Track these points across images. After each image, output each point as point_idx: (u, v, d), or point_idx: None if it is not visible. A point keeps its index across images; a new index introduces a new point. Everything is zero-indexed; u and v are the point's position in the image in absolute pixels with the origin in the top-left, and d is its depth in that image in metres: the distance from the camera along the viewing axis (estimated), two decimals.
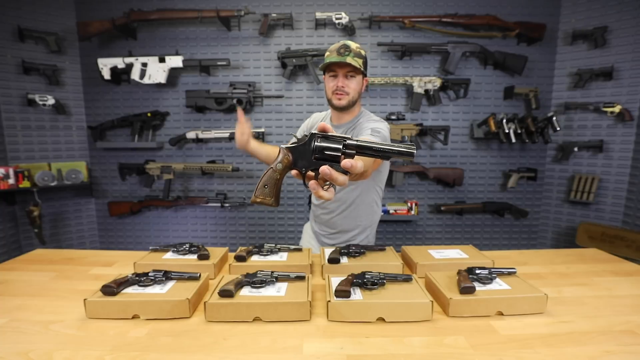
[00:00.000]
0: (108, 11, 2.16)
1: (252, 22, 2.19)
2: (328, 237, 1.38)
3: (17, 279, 1.09)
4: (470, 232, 2.41)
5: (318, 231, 1.41)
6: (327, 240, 1.39)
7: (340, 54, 1.10)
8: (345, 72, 1.13)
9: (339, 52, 1.10)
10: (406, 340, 0.76)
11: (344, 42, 1.13)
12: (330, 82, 1.16)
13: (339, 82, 1.14)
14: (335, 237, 1.37)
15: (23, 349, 0.72)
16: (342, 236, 1.36)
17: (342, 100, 1.16)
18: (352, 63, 1.09)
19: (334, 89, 1.16)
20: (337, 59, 1.09)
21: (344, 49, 1.11)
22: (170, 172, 2.24)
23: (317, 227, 1.41)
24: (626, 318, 0.86)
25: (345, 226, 1.33)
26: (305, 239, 1.49)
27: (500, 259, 1.26)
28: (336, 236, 1.37)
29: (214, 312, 0.82)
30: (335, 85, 1.15)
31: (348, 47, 1.11)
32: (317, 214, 1.38)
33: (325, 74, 1.18)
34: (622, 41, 2.04)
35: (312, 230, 1.45)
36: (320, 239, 1.42)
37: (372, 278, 0.91)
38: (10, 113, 2.10)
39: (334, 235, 1.37)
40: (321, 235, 1.40)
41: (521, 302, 0.86)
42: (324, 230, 1.39)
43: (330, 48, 1.15)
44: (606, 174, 2.15)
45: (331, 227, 1.36)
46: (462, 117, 2.29)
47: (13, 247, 2.15)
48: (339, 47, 1.11)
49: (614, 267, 1.20)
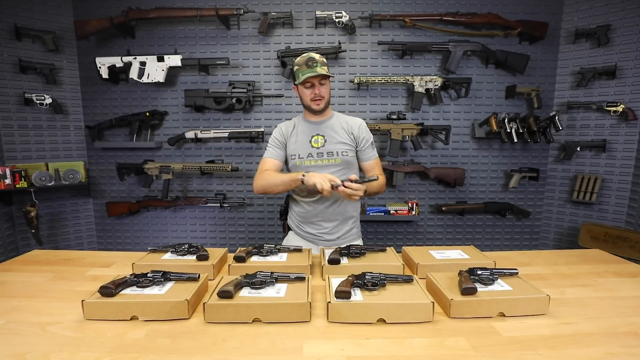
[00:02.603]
0: (106, 9, 2.15)
1: (251, 20, 2.18)
2: (317, 231, 1.42)
3: (14, 280, 1.09)
4: (472, 232, 2.41)
5: (308, 232, 1.43)
6: (315, 232, 1.42)
7: (309, 66, 1.26)
8: (318, 80, 1.29)
9: (307, 65, 1.27)
10: (407, 341, 0.76)
11: (307, 55, 1.29)
12: (307, 91, 1.32)
13: (316, 90, 1.30)
14: (324, 229, 1.41)
15: (20, 350, 0.72)
16: (331, 226, 1.40)
17: (321, 104, 1.33)
18: (323, 72, 1.26)
19: (312, 97, 1.31)
20: (312, 72, 1.25)
21: (311, 62, 1.26)
22: (169, 172, 2.23)
23: (308, 228, 1.43)
24: (629, 319, 0.85)
25: (333, 215, 1.40)
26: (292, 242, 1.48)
27: (501, 259, 1.25)
28: (325, 228, 1.41)
29: (213, 313, 0.82)
30: (312, 93, 1.31)
31: (314, 59, 1.27)
32: (303, 216, 1.43)
33: (298, 85, 1.33)
34: (625, 40, 2.03)
35: (298, 234, 1.46)
36: (308, 237, 1.44)
37: (372, 279, 0.90)
38: (7, 112, 2.09)
39: (322, 228, 1.41)
40: (310, 234, 1.43)
41: (523, 303, 0.85)
42: (314, 227, 1.42)
43: (298, 62, 1.30)
44: (609, 174, 2.14)
45: (323, 218, 1.40)
46: (464, 117, 2.28)
47: (10, 248, 2.14)
48: (307, 61, 1.27)
49: (617, 268, 1.19)
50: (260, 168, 1.40)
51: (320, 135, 1.37)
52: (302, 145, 1.37)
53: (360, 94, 2.25)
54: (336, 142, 1.36)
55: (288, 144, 1.39)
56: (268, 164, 1.39)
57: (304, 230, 1.43)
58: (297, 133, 1.38)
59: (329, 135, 1.37)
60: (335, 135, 1.37)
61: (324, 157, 1.35)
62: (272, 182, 1.32)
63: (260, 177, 1.36)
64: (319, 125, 1.39)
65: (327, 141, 1.36)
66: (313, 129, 1.38)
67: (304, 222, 1.43)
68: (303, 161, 1.35)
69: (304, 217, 1.42)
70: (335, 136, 1.37)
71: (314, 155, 1.35)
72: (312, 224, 1.41)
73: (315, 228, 1.41)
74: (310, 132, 1.38)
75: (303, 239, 1.43)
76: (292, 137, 1.39)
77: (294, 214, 1.46)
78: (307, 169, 1.33)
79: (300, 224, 1.44)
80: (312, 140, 1.36)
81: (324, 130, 1.37)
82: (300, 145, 1.37)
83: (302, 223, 1.43)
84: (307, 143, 1.36)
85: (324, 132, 1.37)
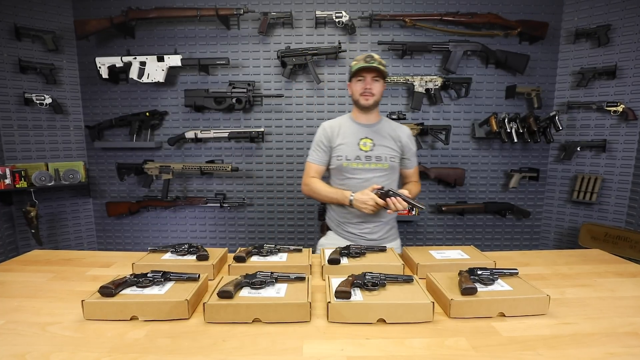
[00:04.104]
0: (106, 9, 2.15)
1: (251, 20, 2.18)
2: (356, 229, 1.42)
3: (13, 280, 1.09)
4: (472, 232, 2.40)
5: (350, 232, 1.42)
6: (354, 230, 1.42)
7: (367, 62, 1.28)
8: (372, 76, 1.30)
9: (365, 60, 1.29)
10: (407, 341, 0.75)
11: (368, 53, 1.32)
12: (357, 85, 1.33)
13: (366, 84, 1.30)
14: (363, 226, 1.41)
15: (20, 351, 0.72)
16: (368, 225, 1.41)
17: (369, 100, 1.32)
18: (379, 67, 1.28)
19: (361, 91, 1.32)
20: (366, 65, 1.27)
21: (370, 58, 1.29)
22: (169, 172, 2.23)
23: (349, 228, 1.42)
24: (630, 319, 0.85)
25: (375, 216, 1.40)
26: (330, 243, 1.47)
27: (502, 259, 1.25)
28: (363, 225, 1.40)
29: (213, 313, 0.82)
30: (363, 88, 1.31)
31: (372, 56, 1.29)
32: (345, 217, 1.42)
33: (351, 79, 1.34)
34: (625, 39, 2.02)
35: (339, 234, 1.45)
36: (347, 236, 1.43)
37: (372, 279, 0.90)
38: (6, 112, 2.09)
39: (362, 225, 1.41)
40: (350, 234, 1.42)
41: (523, 303, 0.85)
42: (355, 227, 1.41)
43: (357, 58, 1.32)
44: (609, 174, 2.14)
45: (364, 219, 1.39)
46: (464, 117, 2.27)
47: (10, 248, 2.14)
48: (366, 57, 1.29)
49: (617, 268, 1.19)
50: (307, 172, 1.44)
51: (368, 139, 1.36)
52: (350, 147, 1.35)
53: None
54: (384, 147, 1.37)
55: (333, 145, 1.38)
56: (313, 169, 1.41)
57: (345, 230, 1.42)
58: (345, 134, 1.37)
59: (377, 140, 1.36)
60: (384, 141, 1.37)
61: (372, 160, 1.35)
62: (321, 194, 1.39)
63: (309, 184, 1.42)
64: (367, 128, 1.38)
65: (376, 145, 1.36)
66: (362, 131, 1.37)
67: (346, 222, 1.42)
68: (350, 163, 1.35)
69: (345, 217, 1.41)
70: (383, 141, 1.37)
71: (362, 158, 1.35)
72: (354, 224, 1.40)
73: (357, 228, 1.40)
74: (359, 134, 1.37)
75: (344, 238, 1.42)
76: (338, 138, 1.37)
77: (335, 215, 1.45)
78: (353, 172, 1.35)
79: (341, 224, 1.43)
80: (361, 143, 1.35)
81: (372, 134, 1.37)
82: (348, 147, 1.35)
83: (344, 223, 1.42)
84: (355, 145, 1.35)
85: (372, 136, 1.37)
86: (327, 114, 2.26)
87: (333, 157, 1.38)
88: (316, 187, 1.39)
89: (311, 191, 1.42)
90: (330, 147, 1.38)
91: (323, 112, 2.26)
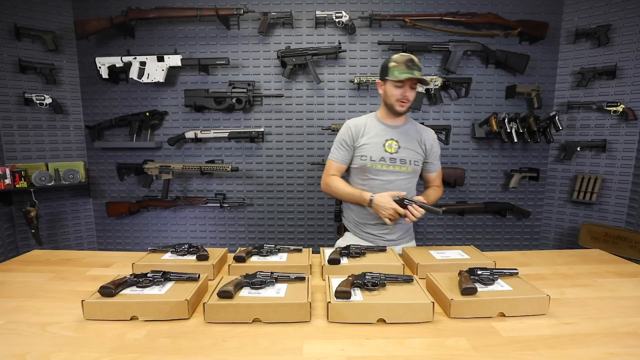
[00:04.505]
0: (106, 9, 2.15)
1: (251, 20, 2.18)
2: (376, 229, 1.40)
3: (13, 280, 1.09)
4: (472, 232, 2.40)
5: (369, 232, 1.41)
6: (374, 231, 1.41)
7: (409, 67, 1.23)
8: (412, 84, 1.26)
9: (407, 65, 1.23)
10: (407, 341, 0.75)
11: (409, 56, 1.25)
12: (395, 90, 1.27)
13: (406, 92, 1.27)
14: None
15: (20, 351, 0.72)
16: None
17: (404, 107, 1.30)
18: (421, 77, 1.24)
19: (399, 97, 1.28)
20: (410, 74, 1.22)
21: (411, 63, 1.23)
22: (169, 172, 2.23)
23: (368, 229, 1.40)
24: (630, 320, 0.85)
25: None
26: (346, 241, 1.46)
27: (502, 259, 1.25)
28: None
29: (213, 313, 0.82)
30: (402, 95, 1.27)
31: (414, 61, 1.24)
32: (365, 218, 1.40)
33: (385, 80, 1.29)
34: (625, 39, 2.02)
35: (358, 235, 1.44)
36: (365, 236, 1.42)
37: (372, 279, 0.90)
38: (6, 112, 2.09)
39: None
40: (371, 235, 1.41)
41: (523, 303, 0.85)
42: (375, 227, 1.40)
43: (397, 59, 1.25)
44: (609, 174, 2.14)
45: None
46: (464, 117, 2.27)
47: (10, 248, 2.14)
48: (407, 61, 1.23)
49: (617, 268, 1.19)
50: (327, 170, 1.41)
51: (394, 140, 1.34)
52: (375, 147, 1.33)
53: (360, 94, 2.24)
54: (409, 150, 1.35)
55: (357, 144, 1.35)
56: (334, 167, 1.39)
57: (364, 231, 1.41)
58: (370, 134, 1.35)
59: (403, 142, 1.34)
60: (409, 143, 1.35)
61: (396, 163, 1.33)
62: (339, 192, 1.38)
63: (329, 182, 1.40)
64: (394, 129, 1.35)
65: (401, 147, 1.34)
66: (388, 132, 1.35)
67: (365, 223, 1.40)
68: (375, 164, 1.33)
69: (365, 219, 1.39)
70: (409, 144, 1.35)
71: (387, 160, 1.33)
72: (374, 225, 1.39)
73: (376, 229, 1.39)
74: (385, 135, 1.34)
75: (362, 239, 1.41)
76: (363, 138, 1.35)
77: (354, 215, 1.43)
78: (376, 173, 1.33)
79: (360, 225, 1.41)
80: (386, 145, 1.33)
81: (398, 136, 1.35)
82: (373, 147, 1.33)
83: (363, 224, 1.41)
84: (380, 146, 1.33)
85: (398, 138, 1.34)
86: (327, 114, 2.26)
87: (356, 156, 1.36)
88: (336, 185, 1.38)
89: (329, 188, 1.41)
90: (354, 146, 1.36)
91: (323, 112, 2.26)
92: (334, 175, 1.41)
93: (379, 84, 1.34)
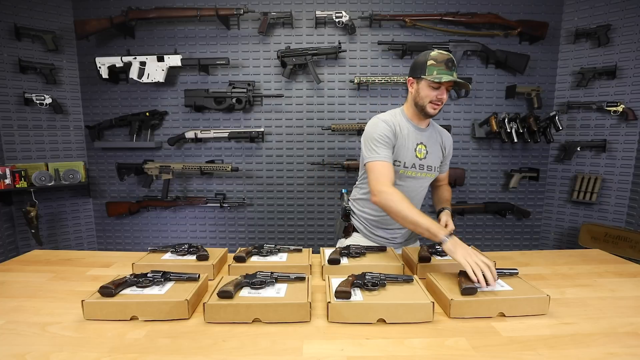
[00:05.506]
0: (106, 9, 2.15)
1: (251, 20, 2.18)
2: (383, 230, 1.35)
3: (13, 280, 1.09)
4: (472, 232, 2.40)
5: (380, 236, 1.36)
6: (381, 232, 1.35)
7: (449, 68, 1.12)
8: (449, 85, 1.16)
9: (447, 65, 1.12)
10: (407, 341, 0.75)
11: (448, 54, 1.14)
12: (430, 91, 1.15)
13: (442, 94, 1.16)
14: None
15: (20, 351, 0.72)
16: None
17: (437, 110, 1.19)
18: (460, 81, 1.14)
19: (433, 99, 1.16)
20: (451, 76, 1.11)
21: (451, 63, 1.13)
22: (169, 172, 2.23)
23: (380, 232, 1.35)
24: (630, 320, 0.85)
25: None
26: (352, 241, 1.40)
27: (502, 259, 1.25)
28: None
29: (213, 313, 0.82)
30: (436, 97, 1.16)
31: (454, 61, 1.14)
32: (378, 221, 1.33)
33: (420, 78, 1.16)
34: (625, 39, 2.02)
35: (367, 237, 1.38)
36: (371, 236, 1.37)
37: (372, 279, 0.90)
38: (6, 112, 2.09)
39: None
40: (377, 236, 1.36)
41: (523, 303, 0.85)
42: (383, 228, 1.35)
43: (436, 57, 1.13)
44: (609, 174, 2.14)
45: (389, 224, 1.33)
46: (464, 117, 2.27)
47: (10, 248, 2.14)
48: (447, 61, 1.12)
49: (617, 268, 1.19)
50: (380, 176, 1.14)
51: (423, 145, 1.25)
52: (409, 152, 1.23)
53: (360, 94, 2.24)
54: (434, 155, 1.28)
55: (395, 144, 1.21)
56: (387, 169, 1.15)
57: (374, 234, 1.36)
58: (404, 136, 1.22)
59: (429, 147, 1.27)
60: (434, 147, 1.28)
61: (424, 169, 1.26)
62: (402, 214, 1.06)
63: (389, 194, 1.09)
64: (422, 132, 1.26)
65: (429, 153, 1.26)
66: (417, 135, 1.25)
67: (377, 226, 1.34)
68: (407, 171, 1.23)
69: (378, 222, 1.33)
70: (433, 148, 1.28)
71: (417, 167, 1.24)
72: (386, 229, 1.34)
73: (389, 233, 1.34)
74: (415, 139, 1.24)
75: (372, 241, 1.37)
76: (400, 140, 1.21)
77: (366, 217, 1.36)
78: (405, 179, 1.24)
79: (372, 227, 1.35)
80: (417, 149, 1.24)
81: (426, 140, 1.26)
82: (407, 152, 1.22)
83: (374, 227, 1.35)
84: (412, 151, 1.23)
85: (426, 142, 1.26)
86: (327, 114, 2.26)
87: None
88: (401, 204, 1.07)
89: (391, 204, 1.09)
90: (394, 145, 1.20)
91: (323, 112, 2.26)
92: (394, 188, 1.12)
93: (410, 82, 1.20)
